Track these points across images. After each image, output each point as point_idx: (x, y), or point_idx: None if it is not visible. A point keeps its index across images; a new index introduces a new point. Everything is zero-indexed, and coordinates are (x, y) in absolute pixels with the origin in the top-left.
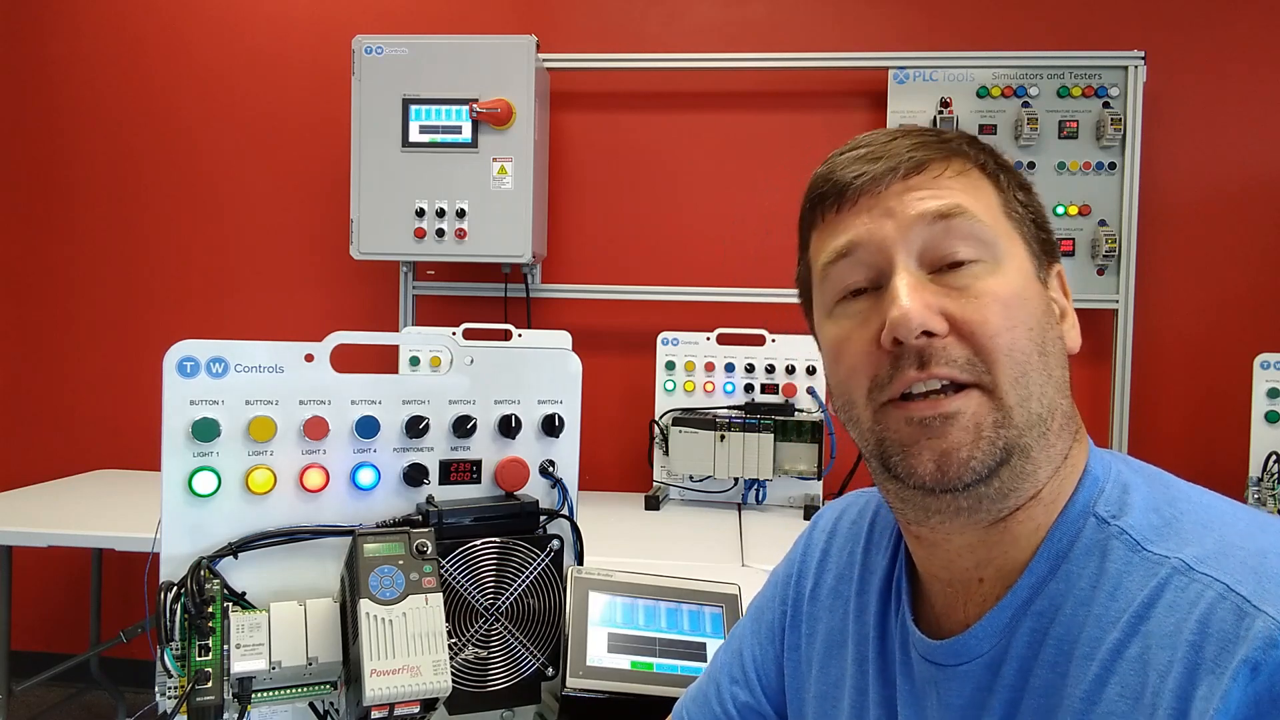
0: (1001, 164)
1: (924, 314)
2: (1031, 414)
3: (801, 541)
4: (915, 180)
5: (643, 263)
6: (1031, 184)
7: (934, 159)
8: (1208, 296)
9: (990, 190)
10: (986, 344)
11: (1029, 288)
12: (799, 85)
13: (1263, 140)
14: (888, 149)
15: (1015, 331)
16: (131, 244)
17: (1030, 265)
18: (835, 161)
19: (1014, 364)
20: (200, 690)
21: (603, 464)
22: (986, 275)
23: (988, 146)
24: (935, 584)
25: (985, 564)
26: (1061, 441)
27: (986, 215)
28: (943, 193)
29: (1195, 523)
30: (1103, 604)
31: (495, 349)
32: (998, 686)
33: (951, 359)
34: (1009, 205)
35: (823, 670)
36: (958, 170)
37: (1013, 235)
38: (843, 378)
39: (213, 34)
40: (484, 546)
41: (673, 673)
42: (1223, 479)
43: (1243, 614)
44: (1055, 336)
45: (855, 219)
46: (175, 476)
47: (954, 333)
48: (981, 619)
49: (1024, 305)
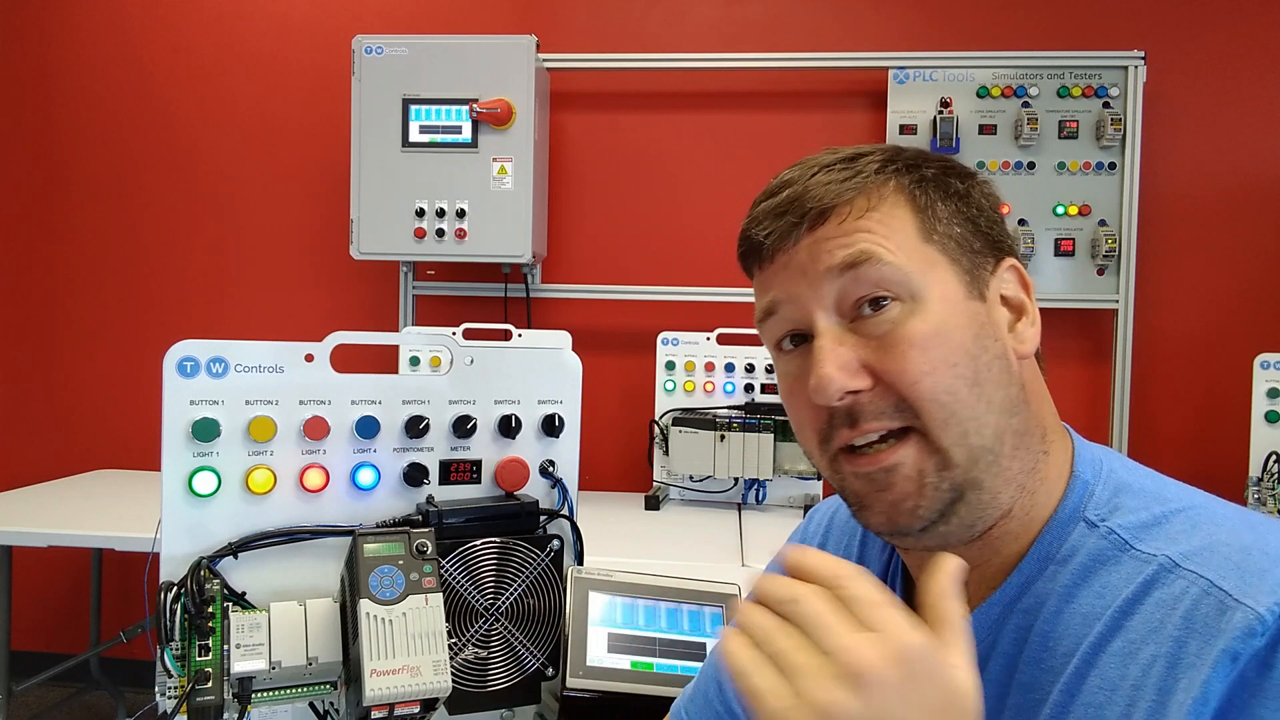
0: (922, 178)
1: (840, 379)
2: (972, 449)
3: (796, 538)
4: (822, 230)
5: (643, 263)
6: (968, 184)
7: (838, 203)
8: (1208, 296)
9: (906, 216)
10: (908, 392)
11: (953, 317)
12: (799, 85)
13: (1263, 140)
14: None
15: (936, 375)
16: (131, 244)
17: (958, 287)
18: (753, 215)
19: (940, 407)
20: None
21: (603, 464)
22: (904, 318)
23: (910, 159)
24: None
25: (968, 569)
26: (1019, 460)
27: (898, 251)
28: (849, 240)
29: (1185, 521)
30: (1088, 601)
31: (495, 349)
32: (984, 681)
33: (879, 411)
34: (928, 227)
35: None
36: (864, 207)
37: (934, 261)
38: (796, 428)
39: (212, 34)
40: (484, 546)
41: (673, 673)
42: (1223, 479)
43: (1224, 608)
44: (993, 357)
45: (774, 277)
46: (175, 476)
47: (878, 384)
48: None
49: (945, 341)
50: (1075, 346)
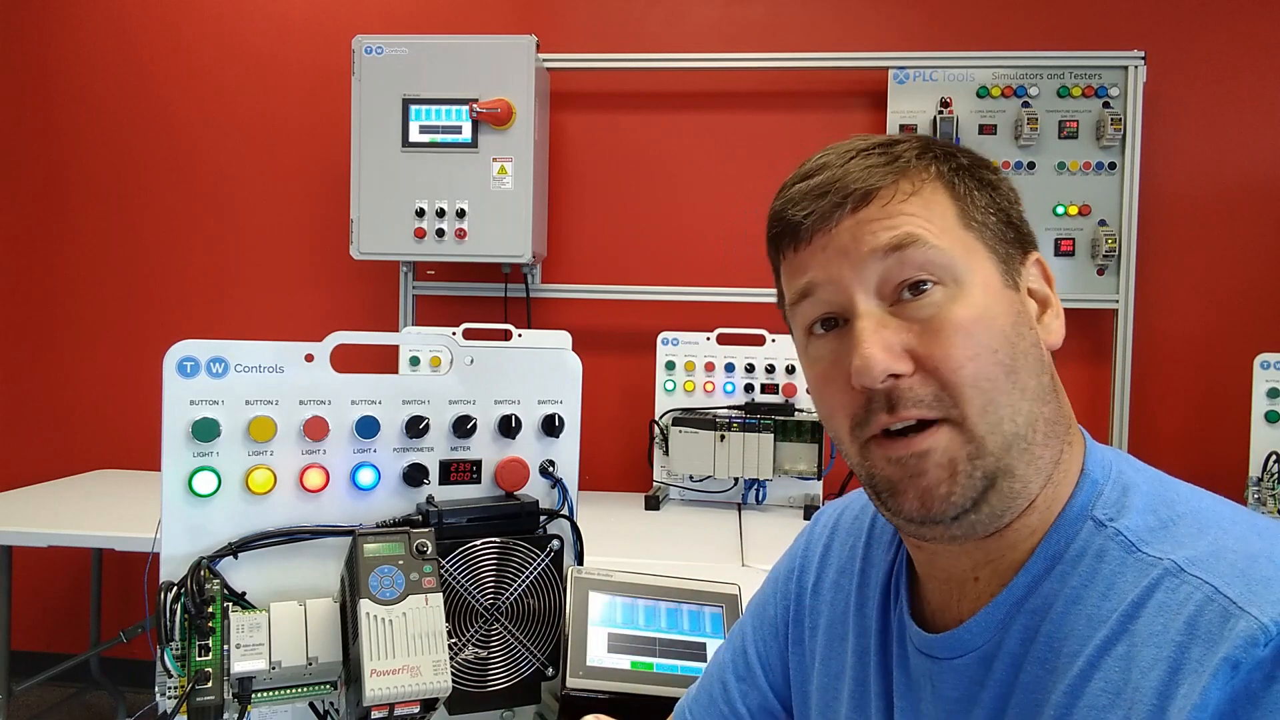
0: (958, 166)
1: (885, 360)
2: (1006, 436)
3: (803, 538)
4: (865, 212)
5: (643, 263)
6: (996, 176)
7: (882, 185)
8: (1208, 296)
9: (946, 203)
10: (950, 378)
11: (994, 303)
12: (799, 85)
13: (1263, 140)
14: (836, 177)
15: (979, 360)
16: (131, 244)
17: (996, 274)
18: (788, 196)
19: (980, 394)
20: (200, 690)
21: (603, 464)
22: (947, 302)
23: (943, 148)
24: (931, 582)
25: (981, 565)
26: (1049, 449)
27: (941, 235)
28: (894, 221)
29: (1192, 526)
30: (1094, 603)
31: (495, 349)
32: (989, 681)
33: (919, 398)
34: (967, 214)
35: (824, 662)
36: (908, 191)
37: (973, 248)
38: (826, 414)
39: (212, 34)
40: (484, 546)
41: (673, 673)
42: (1223, 479)
43: (1228, 615)
44: (1029, 345)
45: (811, 259)
46: (175, 476)
47: (919, 369)
48: (977, 614)
49: (988, 327)
50: (1075, 346)
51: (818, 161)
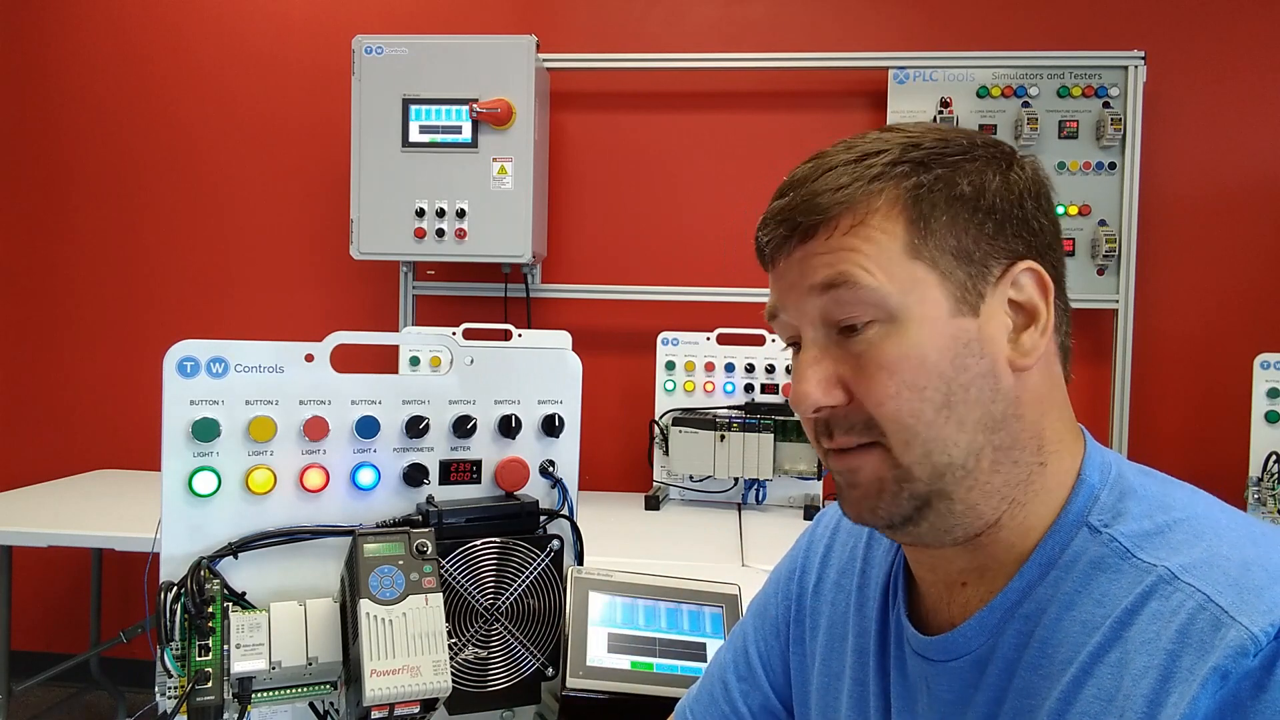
0: (921, 183)
1: (814, 394)
2: (936, 466)
3: (804, 539)
4: (810, 245)
5: (643, 263)
6: (984, 178)
7: (828, 216)
8: (1208, 296)
9: (897, 231)
10: (873, 413)
11: (929, 339)
12: (799, 85)
13: (1263, 140)
14: (798, 202)
15: (900, 399)
16: (131, 244)
17: (944, 303)
18: (765, 214)
19: (901, 429)
20: (200, 690)
21: (603, 464)
22: (880, 339)
23: (923, 157)
24: (926, 584)
25: (967, 571)
26: (1002, 474)
27: (879, 272)
28: (833, 257)
29: (1187, 532)
30: (1088, 609)
31: (495, 349)
32: (983, 684)
33: (850, 426)
34: (920, 241)
35: (825, 662)
36: (850, 223)
37: (919, 279)
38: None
39: (212, 34)
40: (484, 546)
41: (673, 673)
42: (1223, 479)
43: (1219, 624)
44: (975, 376)
45: (775, 284)
46: (175, 476)
47: (852, 399)
48: (971, 618)
49: (917, 364)
50: (1075, 346)
51: (796, 175)
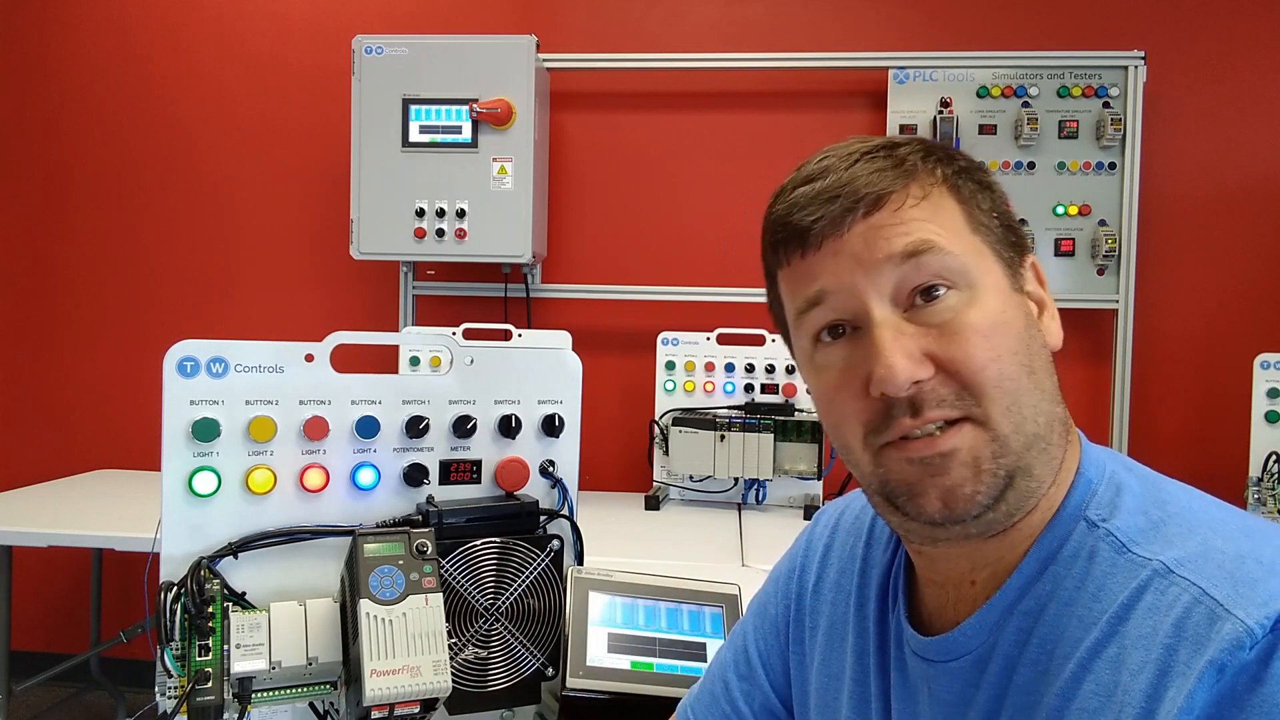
0: (960, 169)
1: (909, 367)
2: (1028, 435)
3: (804, 538)
4: (876, 218)
5: (643, 263)
6: (990, 179)
7: (893, 190)
8: (1208, 296)
9: (954, 207)
10: (973, 379)
11: (1007, 306)
12: (799, 85)
13: (1263, 140)
14: (844, 181)
15: (1001, 361)
16: (131, 244)
17: (1004, 278)
18: (792, 200)
19: (1004, 394)
20: (200, 690)
21: (603, 464)
22: (964, 306)
23: (944, 151)
24: (930, 586)
25: (980, 568)
26: (1060, 449)
27: (954, 241)
28: (906, 227)
29: (1182, 526)
30: (1086, 605)
31: (495, 349)
32: (984, 683)
33: (941, 399)
34: (974, 218)
35: (824, 663)
36: (919, 195)
37: (982, 252)
38: (835, 423)
39: (212, 35)
40: (484, 546)
41: (673, 673)
42: (1223, 479)
43: (1215, 617)
44: (1040, 346)
45: (821, 265)
46: (175, 476)
47: (940, 371)
48: (970, 617)
49: (1005, 329)
50: (1075, 346)
51: (819, 164)
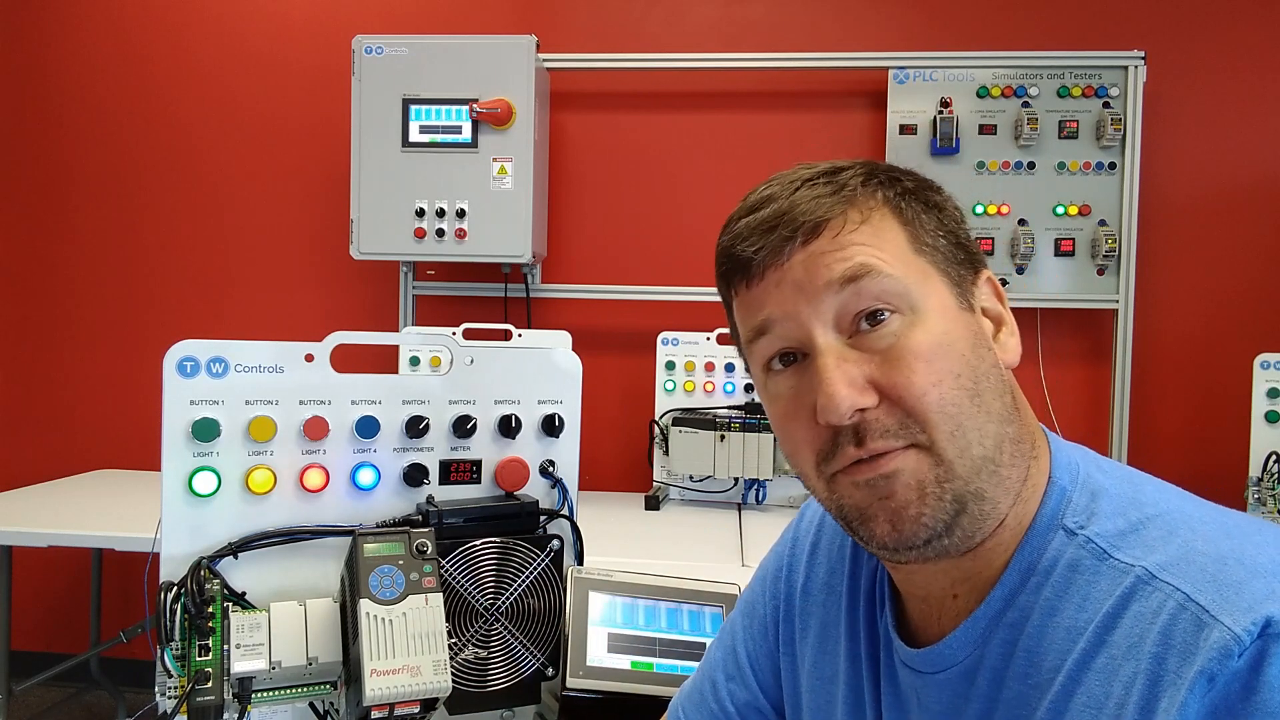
0: (904, 190)
1: (850, 395)
2: (975, 460)
3: (789, 534)
4: (816, 244)
5: (643, 263)
6: (941, 197)
7: (831, 216)
8: (1208, 296)
9: (896, 230)
10: (915, 405)
11: (952, 328)
12: (799, 85)
13: (1263, 140)
14: (783, 210)
15: (942, 386)
16: (131, 244)
17: (950, 297)
18: (735, 231)
19: (947, 419)
20: (200, 690)
21: (603, 464)
22: (906, 330)
23: (888, 174)
24: (912, 600)
25: (959, 582)
26: (1016, 469)
27: (895, 264)
28: (846, 253)
29: (1161, 528)
30: (1071, 614)
31: (495, 349)
32: (973, 695)
33: (885, 429)
34: (917, 239)
35: (816, 665)
36: (857, 220)
37: (926, 273)
38: (789, 451)
39: (212, 35)
40: (484, 546)
41: (673, 673)
42: (1223, 479)
43: (1201, 624)
44: (989, 366)
45: (765, 294)
46: (175, 476)
47: (884, 399)
48: (956, 630)
49: (948, 352)
50: (1075, 346)
51: (763, 194)
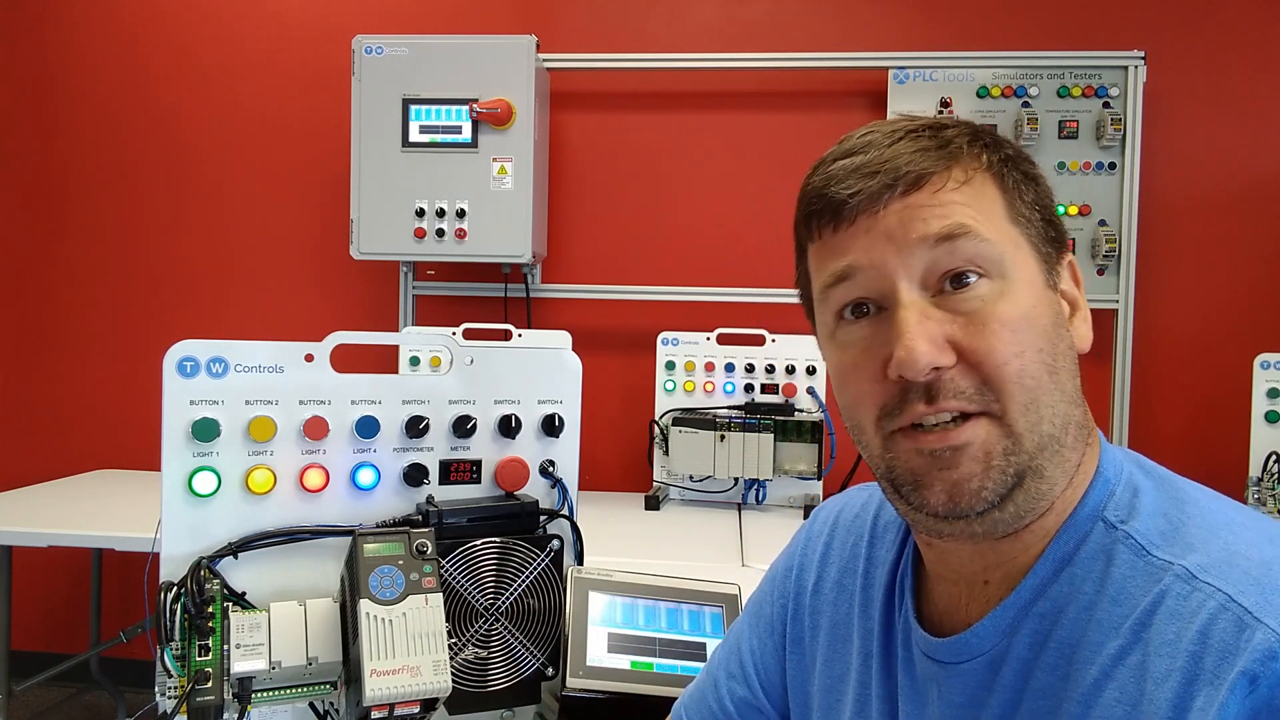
0: (1007, 158)
1: (930, 352)
2: (1043, 436)
3: (801, 536)
4: (914, 197)
5: (643, 263)
6: (1037, 171)
7: (934, 170)
8: (1208, 296)
9: (995, 195)
10: (994, 373)
11: (1038, 302)
12: (799, 85)
13: (1263, 140)
14: (885, 158)
15: (1024, 357)
16: (131, 244)
17: (1039, 273)
18: (830, 172)
19: (1023, 391)
20: (200, 690)
21: (603, 464)
22: (994, 296)
23: (992, 137)
24: (941, 584)
25: (994, 567)
26: (1076, 452)
27: (991, 229)
28: (944, 209)
29: (1202, 529)
30: (1106, 609)
31: (495, 349)
32: (997, 686)
33: (959, 390)
34: (1015, 209)
35: (827, 664)
36: (960, 179)
37: (1019, 243)
38: (849, 403)
39: (213, 34)
40: (484, 546)
41: (673, 673)
42: (1223, 479)
43: (1243, 625)
44: (1066, 347)
45: (853, 240)
46: (175, 476)
47: (961, 361)
48: (984, 618)
49: (1033, 325)
50: None
51: (862, 138)
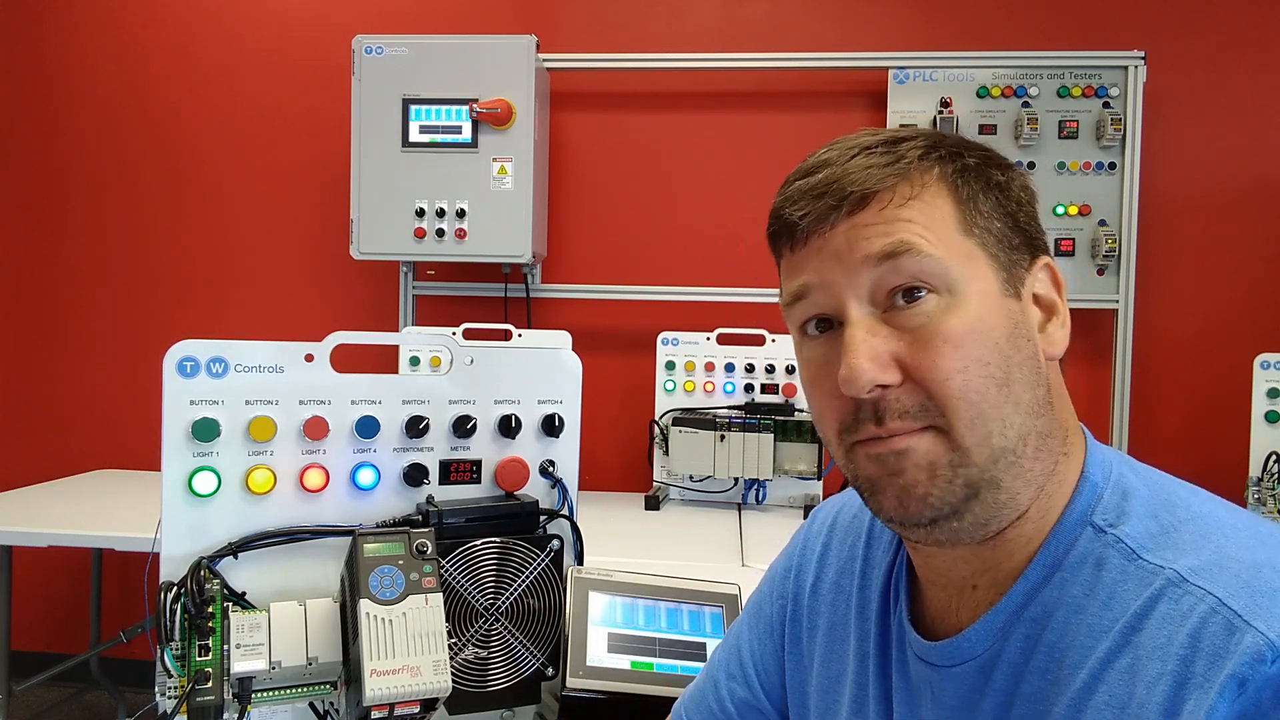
0: (964, 167)
1: (871, 369)
2: (994, 449)
3: (800, 537)
4: (861, 216)
5: (643, 263)
6: (1007, 176)
7: (880, 188)
8: (1208, 296)
9: (948, 208)
10: (937, 389)
11: (989, 314)
12: (799, 85)
13: (1263, 140)
14: (835, 177)
15: (968, 372)
16: (131, 244)
17: (995, 283)
18: (787, 193)
19: (968, 406)
20: (200, 690)
21: (603, 464)
22: (939, 312)
23: (951, 146)
24: (931, 588)
25: (980, 573)
26: (1041, 462)
27: (938, 244)
28: (890, 228)
29: (1193, 532)
30: (1096, 613)
31: (495, 349)
32: (989, 690)
33: (904, 410)
34: (969, 220)
35: (824, 664)
36: (907, 194)
37: (972, 255)
38: (815, 416)
39: (213, 34)
40: (484, 546)
41: (673, 673)
42: (1223, 479)
43: (1233, 629)
44: (1025, 357)
45: (807, 261)
46: (175, 476)
47: (908, 379)
48: (975, 623)
49: (980, 339)
50: (1075, 346)
51: (820, 158)
